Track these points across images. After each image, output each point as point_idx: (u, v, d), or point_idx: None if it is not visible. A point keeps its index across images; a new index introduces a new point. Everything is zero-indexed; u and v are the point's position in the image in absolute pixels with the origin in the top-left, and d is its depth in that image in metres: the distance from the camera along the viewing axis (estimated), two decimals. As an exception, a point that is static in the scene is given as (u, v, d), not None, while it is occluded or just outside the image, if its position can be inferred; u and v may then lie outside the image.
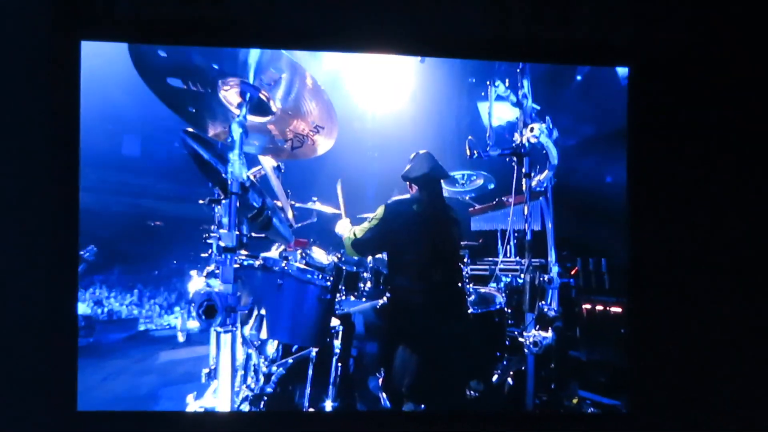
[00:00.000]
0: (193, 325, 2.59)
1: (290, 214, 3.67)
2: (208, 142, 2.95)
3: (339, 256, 3.88)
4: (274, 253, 3.71)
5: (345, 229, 3.80)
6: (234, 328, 2.60)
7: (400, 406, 3.33)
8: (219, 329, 2.57)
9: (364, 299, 3.94)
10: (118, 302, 3.77)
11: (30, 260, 2.80)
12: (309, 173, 4.53)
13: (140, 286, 3.95)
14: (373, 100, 5.05)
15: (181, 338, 2.64)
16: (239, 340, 3.09)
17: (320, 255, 3.85)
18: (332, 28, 3.06)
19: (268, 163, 3.45)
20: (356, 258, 3.89)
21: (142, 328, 4.01)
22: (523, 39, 3.12)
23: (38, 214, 2.82)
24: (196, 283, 2.92)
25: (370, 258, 4.01)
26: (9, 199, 2.81)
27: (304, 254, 3.71)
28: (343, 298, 3.91)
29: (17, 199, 2.82)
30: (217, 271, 2.66)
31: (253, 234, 3.21)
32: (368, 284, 4.01)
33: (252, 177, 3.29)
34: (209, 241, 2.72)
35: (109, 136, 3.73)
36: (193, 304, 2.52)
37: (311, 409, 3.20)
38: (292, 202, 3.91)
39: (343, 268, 3.89)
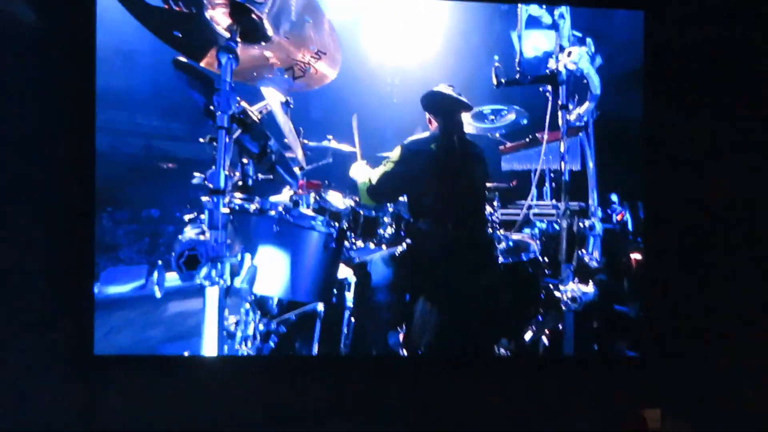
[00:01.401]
0: (173, 277, 2.33)
1: (300, 154, 3.39)
2: (201, 73, 2.65)
3: (357, 199, 3.66)
4: (285, 196, 3.48)
5: (360, 174, 3.51)
6: (222, 281, 2.34)
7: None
8: (204, 282, 2.30)
9: (384, 246, 3.69)
10: (128, 250, 3.58)
11: (47, 205, 2.78)
12: (323, 108, 4.22)
13: (150, 233, 3.73)
14: (394, 31, 4.66)
15: (157, 293, 2.38)
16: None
17: (336, 198, 3.63)
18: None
19: (274, 97, 3.15)
20: (373, 205, 3.60)
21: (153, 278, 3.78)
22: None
23: (54, 159, 2.79)
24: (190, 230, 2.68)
25: (390, 201, 3.72)
26: (25, 141, 2.77)
27: (318, 198, 3.46)
28: (362, 245, 3.66)
29: (34, 142, 2.78)
30: (203, 216, 2.39)
31: (261, 175, 3.02)
32: (388, 230, 3.74)
33: (257, 113, 2.99)
34: (194, 181, 2.48)
35: (117, 72, 3.47)
36: (173, 254, 2.27)
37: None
38: (304, 141, 3.65)
39: (361, 212, 3.67)
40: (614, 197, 3.55)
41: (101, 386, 2.82)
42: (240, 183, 2.93)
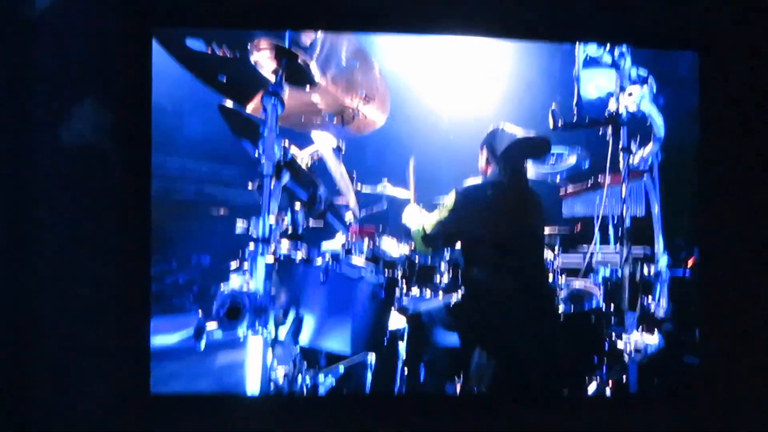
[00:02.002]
0: (214, 328, 2.31)
1: (353, 201, 3.38)
2: (247, 119, 2.69)
3: (412, 246, 3.61)
4: (337, 243, 3.46)
5: (413, 221, 3.42)
6: (265, 332, 2.35)
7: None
8: (247, 334, 2.32)
9: (440, 294, 3.63)
10: (177, 298, 3.58)
11: (103, 249, 2.73)
12: (378, 152, 4.19)
13: (200, 281, 3.74)
14: (450, 73, 4.61)
15: (201, 346, 2.35)
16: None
17: (390, 246, 3.59)
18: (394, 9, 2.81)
19: (325, 142, 3.14)
20: (429, 252, 3.57)
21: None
22: (584, 20, 2.89)
23: (111, 201, 2.73)
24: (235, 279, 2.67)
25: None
26: (80, 187, 2.74)
27: (371, 245, 3.43)
28: (417, 293, 3.61)
29: (89, 187, 2.74)
30: (246, 266, 2.41)
31: (312, 222, 3.04)
32: (445, 277, 3.68)
33: (307, 159, 2.99)
34: (238, 230, 2.49)
35: (167, 116, 3.52)
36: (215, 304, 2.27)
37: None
38: (358, 186, 3.61)
39: (416, 259, 3.65)
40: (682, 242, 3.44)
41: (157, 425, 2.79)
42: (290, 230, 2.92)
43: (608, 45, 3.07)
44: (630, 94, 2.97)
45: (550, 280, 3.46)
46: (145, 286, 2.73)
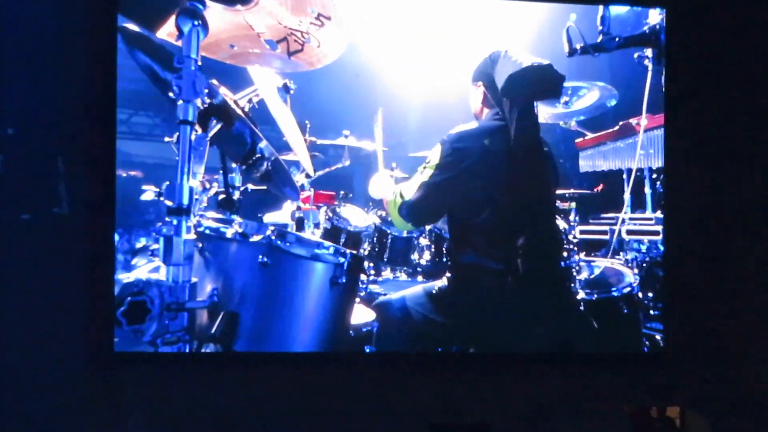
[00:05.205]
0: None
1: (305, 157, 3.13)
2: (158, 48, 2.43)
3: (383, 214, 3.37)
4: (285, 213, 3.24)
5: (385, 189, 3.17)
6: (183, 336, 2.19)
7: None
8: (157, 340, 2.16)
9: (420, 278, 3.35)
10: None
11: (68, 207, 2.87)
12: (338, 94, 3.80)
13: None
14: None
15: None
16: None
17: (354, 214, 3.37)
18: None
19: (266, 80, 2.90)
20: (408, 228, 3.31)
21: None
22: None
23: (74, 169, 2.86)
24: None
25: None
26: (43, 157, 2.88)
27: (330, 214, 3.25)
28: (390, 276, 3.40)
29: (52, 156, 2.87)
30: (154, 246, 2.23)
31: (251, 186, 2.82)
32: (426, 255, 3.42)
33: (243, 103, 2.75)
34: (144, 197, 2.32)
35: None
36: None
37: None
38: (312, 139, 3.35)
39: (389, 232, 3.36)
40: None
41: (122, 383, 2.92)
42: (222, 197, 2.59)
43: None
44: (680, 1, 2.79)
45: (565, 257, 3.18)
46: (110, 245, 2.73)
